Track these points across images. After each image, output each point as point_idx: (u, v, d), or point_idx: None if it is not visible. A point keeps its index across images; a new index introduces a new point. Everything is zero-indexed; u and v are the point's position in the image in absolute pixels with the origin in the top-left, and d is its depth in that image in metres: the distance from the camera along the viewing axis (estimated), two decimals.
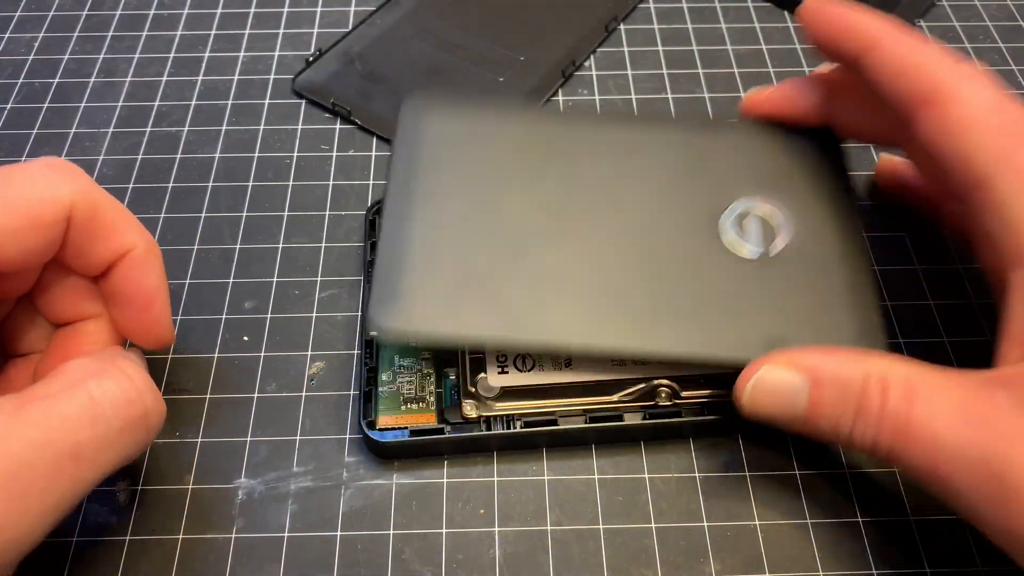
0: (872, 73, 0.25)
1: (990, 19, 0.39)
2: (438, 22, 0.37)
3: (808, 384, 0.22)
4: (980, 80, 0.23)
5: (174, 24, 0.39)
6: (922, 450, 0.20)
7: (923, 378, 0.21)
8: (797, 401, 0.22)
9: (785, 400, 0.22)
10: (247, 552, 0.24)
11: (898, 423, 0.21)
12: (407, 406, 0.26)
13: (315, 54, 0.36)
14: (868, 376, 0.21)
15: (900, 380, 0.21)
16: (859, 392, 0.21)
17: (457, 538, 0.24)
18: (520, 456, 0.26)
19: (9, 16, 0.39)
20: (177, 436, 0.26)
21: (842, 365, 0.22)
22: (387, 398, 0.26)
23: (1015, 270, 0.21)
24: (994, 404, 0.20)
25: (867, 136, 0.28)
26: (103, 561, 0.24)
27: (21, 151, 0.33)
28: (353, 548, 0.24)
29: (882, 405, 0.21)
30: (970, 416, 0.20)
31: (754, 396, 0.23)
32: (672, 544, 0.24)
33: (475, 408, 0.25)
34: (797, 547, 0.24)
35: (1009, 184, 0.21)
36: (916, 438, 0.21)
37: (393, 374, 0.26)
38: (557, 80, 0.36)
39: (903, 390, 0.21)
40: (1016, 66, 0.37)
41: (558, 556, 0.24)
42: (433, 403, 0.26)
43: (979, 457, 0.20)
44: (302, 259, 0.30)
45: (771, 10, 0.39)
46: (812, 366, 0.22)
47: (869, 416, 0.21)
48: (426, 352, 0.27)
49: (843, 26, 0.25)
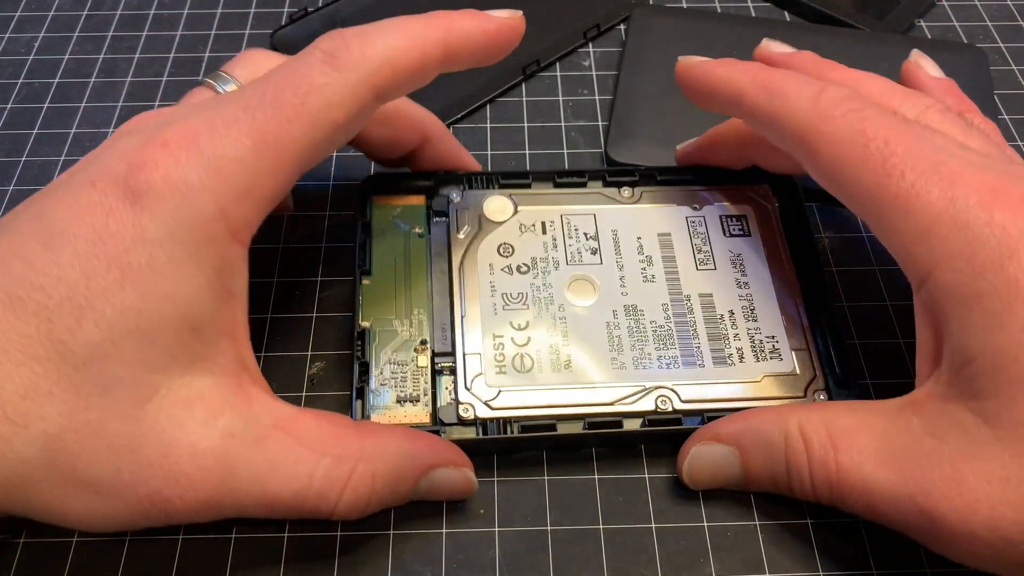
0: (752, 124, 0.25)
1: (990, 19, 0.39)
2: (428, 4, 0.37)
3: (736, 452, 0.23)
4: (842, 108, 0.22)
5: (174, 24, 0.39)
6: (858, 496, 0.21)
7: (840, 423, 0.22)
8: (732, 469, 0.24)
9: (721, 470, 0.24)
10: (247, 552, 0.24)
11: (828, 475, 0.22)
12: (402, 405, 0.25)
13: (301, 12, 0.37)
14: (787, 434, 0.22)
15: (820, 431, 0.22)
16: (783, 450, 0.22)
17: (457, 538, 0.24)
18: (520, 457, 0.26)
19: (9, 16, 0.39)
20: None
21: (761, 427, 0.23)
22: (380, 396, 0.25)
23: (915, 292, 0.22)
24: (910, 434, 0.21)
25: (788, 171, 0.29)
26: (103, 561, 0.24)
27: (21, 151, 0.33)
28: (353, 548, 0.24)
29: (809, 459, 0.22)
30: (891, 453, 0.21)
31: (692, 475, 0.24)
32: (672, 544, 0.24)
33: (471, 409, 0.25)
34: (797, 547, 0.24)
35: (891, 214, 0.21)
36: (848, 485, 0.21)
37: (388, 371, 0.26)
38: (517, 75, 0.36)
39: (824, 440, 0.22)
40: (1016, 66, 0.37)
41: (558, 556, 0.24)
42: (428, 402, 0.25)
43: (907, 494, 0.20)
44: (302, 259, 0.30)
45: (771, 10, 0.39)
46: (735, 434, 0.23)
47: (801, 471, 0.22)
48: (421, 347, 0.26)
49: (709, 84, 0.26)
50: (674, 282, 0.27)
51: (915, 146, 0.21)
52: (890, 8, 0.39)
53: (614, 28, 0.39)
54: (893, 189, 0.21)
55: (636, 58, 0.36)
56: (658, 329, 0.26)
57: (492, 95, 0.35)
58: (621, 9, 0.39)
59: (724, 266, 0.28)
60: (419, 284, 0.27)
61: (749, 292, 0.27)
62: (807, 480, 0.22)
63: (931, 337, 0.22)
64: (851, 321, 0.28)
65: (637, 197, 0.29)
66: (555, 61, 0.37)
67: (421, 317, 0.26)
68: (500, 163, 0.33)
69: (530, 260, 0.28)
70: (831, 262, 0.30)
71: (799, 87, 0.23)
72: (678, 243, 0.28)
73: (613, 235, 0.28)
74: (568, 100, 0.36)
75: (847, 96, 0.23)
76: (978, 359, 0.20)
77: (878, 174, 0.21)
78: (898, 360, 0.28)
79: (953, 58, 0.36)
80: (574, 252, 0.28)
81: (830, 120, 0.22)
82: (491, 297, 0.27)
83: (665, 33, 0.37)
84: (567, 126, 0.35)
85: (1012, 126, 0.34)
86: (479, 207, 0.28)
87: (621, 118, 0.34)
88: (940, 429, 0.20)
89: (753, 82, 0.24)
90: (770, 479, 0.23)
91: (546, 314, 0.26)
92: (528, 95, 0.36)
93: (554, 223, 0.28)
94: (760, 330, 0.26)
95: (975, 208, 0.20)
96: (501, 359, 0.25)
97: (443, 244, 0.28)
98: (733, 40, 0.36)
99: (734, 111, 0.26)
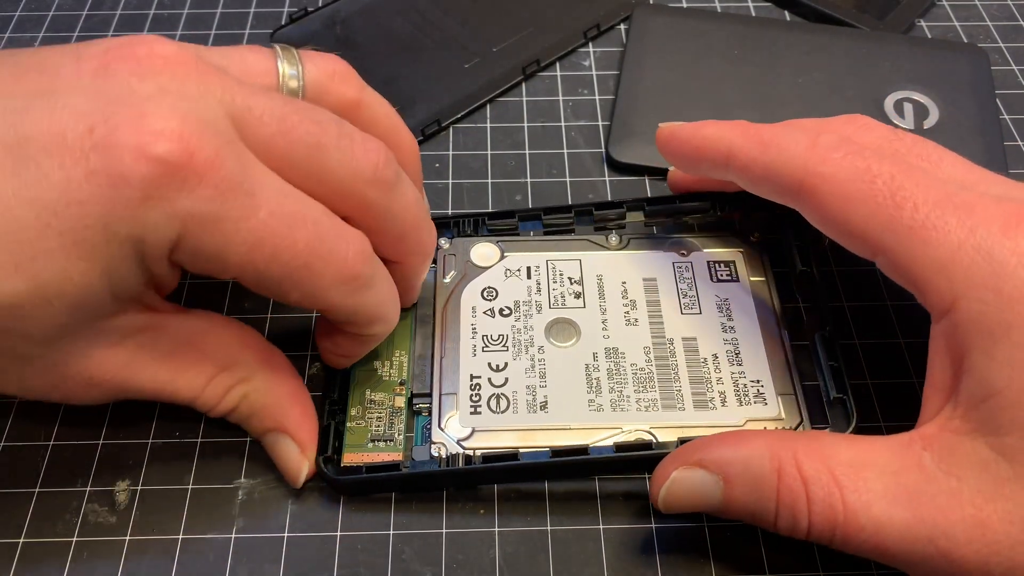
0: (742, 180, 0.25)
1: (990, 19, 0.39)
2: (428, 3, 0.37)
3: (720, 482, 0.21)
4: (840, 151, 0.22)
5: (174, 24, 0.39)
6: (866, 537, 0.20)
7: (841, 457, 0.21)
8: (712, 498, 0.22)
9: (701, 498, 0.22)
10: (247, 552, 0.24)
11: (833, 515, 0.20)
12: (374, 444, 0.25)
13: (301, 12, 0.37)
14: (781, 472, 0.21)
15: (818, 468, 0.21)
16: (774, 487, 0.21)
17: (457, 538, 0.24)
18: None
19: (9, 16, 0.39)
20: (177, 436, 0.26)
21: (752, 459, 0.21)
22: (355, 434, 0.25)
23: (933, 324, 0.21)
24: (923, 472, 0.20)
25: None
26: (103, 561, 0.24)
27: None
28: (353, 548, 0.24)
29: (808, 499, 0.20)
30: (903, 491, 0.20)
31: (668, 500, 0.22)
32: (672, 544, 0.24)
33: (443, 448, 0.24)
34: (797, 547, 0.24)
35: (906, 247, 0.21)
36: (857, 527, 0.20)
37: (363, 409, 0.26)
38: (517, 75, 0.36)
39: (826, 477, 0.20)
40: (1016, 66, 0.37)
41: (558, 556, 0.24)
42: (402, 442, 0.25)
43: (925, 536, 0.19)
44: None
45: (771, 10, 0.39)
46: (723, 463, 0.22)
47: (795, 510, 0.21)
48: (399, 388, 0.26)
49: (697, 144, 0.25)
50: (657, 326, 0.27)
51: (922, 179, 0.21)
52: (890, 8, 0.38)
53: (614, 28, 0.39)
54: (907, 222, 0.21)
55: (637, 58, 0.36)
56: (638, 372, 0.26)
57: (492, 95, 0.35)
58: (621, 9, 0.39)
59: (710, 310, 0.27)
60: (402, 328, 0.27)
61: (735, 336, 0.27)
62: (803, 519, 0.21)
63: (947, 368, 0.21)
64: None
65: (624, 244, 0.29)
66: (555, 61, 0.37)
67: (402, 359, 0.27)
68: (500, 163, 0.33)
69: (513, 303, 0.28)
70: (831, 261, 0.30)
71: (793, 135, 0.23)
72: (663, 288, 0.28)
73: (598, 280, 0.28)
74: (568, 100, 0.36)
75: (843, 139, 0.23)
76: (1003, 392, 0.19)
77: (888, 208, 0.21)
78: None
79: (953, 58, 0.36)
80: (557, 296, 0.28)
81: (830, 162, 0.22)
82: (472, 339, 0.27)
83: (666, 33, 0.37)
84: (567, 126, 0.35)
85: (1012, 126, 0.34)
86: (466, 253, 0.29)
87: (622, 117, 0.34)
88: (956, 466, 0.20)
89: (744, 136, 0.24)
90: (749, 513, 0.22)
91: (525, 356, 0.26)
92: (528, 95, 0.36)
93: (539, 268, 0.28)
94: (744, 374, 0.26)
95: (997, 236, 0.20)
96: (477, 399, 0.25)
97: (429, 289, 0.28)
98: (733, 40, 0.37)
99: (722, 171, 0.25)
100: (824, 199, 0.22)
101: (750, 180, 0.25)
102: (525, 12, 0.38)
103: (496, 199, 0.32)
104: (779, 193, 0.24)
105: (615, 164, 0.33)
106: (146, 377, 0.23)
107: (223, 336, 0.24)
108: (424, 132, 0.34)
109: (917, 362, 0.27)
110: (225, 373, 0.24)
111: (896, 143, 0.23)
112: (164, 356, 0.23)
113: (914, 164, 0.22)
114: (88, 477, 0.25)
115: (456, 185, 0.32)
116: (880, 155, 0.22)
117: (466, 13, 0.38)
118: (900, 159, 0.22)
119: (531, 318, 0.27)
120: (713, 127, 0.25)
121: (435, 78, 0.35)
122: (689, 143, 0.26)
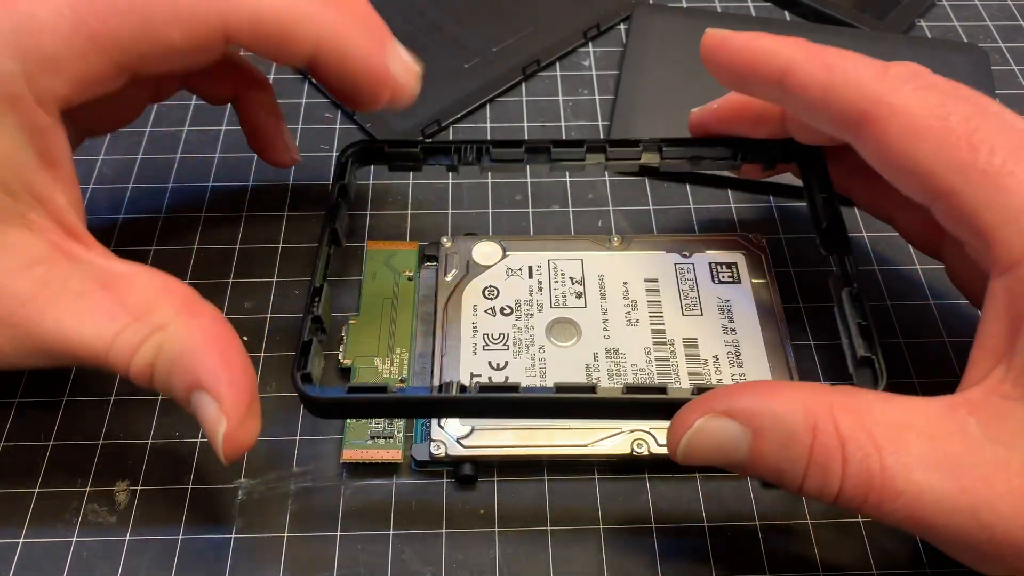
0: (795, 102, 0.23)
1: (990, 19, 0.39)
2: (428, 3, 0.37)
3: (749, 434, 0.20)
4: (912, 83, 0.21)
5: None
6: (902, 504, 0.19)
7: (879, 418, 0.19)
8: (738, 451, 0.20)
9: (725, 451, 0.20)
10: (247, 552, 0.24)
11: (869, 478, 0.19)
12: (374, 440, 0.25)
13: None
14: (816, 427, 0.19)
15: (858, 429, 0.19)
16: (807, 445, 0.19)
17: (457, 538, 0.24)
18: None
19: None
20: (177, 436, 0.26)
21: (784, 412, 0.20)
22: (354, 431, 0.25)
23: (994, 278, 0.20)
24: (968, 439, 0.19)
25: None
26: (103, 561, 0.24)
27: None
28: (353, 548, 0.24)
29: (844, 459, 0.19)
30: (947, 459, 0.18)
31: (688, 451, 0.20)
32: (673, 544, 0.24)
33: (442, 446, 0.24)
34: (797, 547, 0.24)
35: (977, 192, 0.20)
36: (894, 493, 0.19)
37: None
38: (517, 75, 0.36)
39: (863, 437, 0.19)
40: (1016, 66, 0.37)
41: (558, 556, 0.24)
42: (401, 439, 0.25)
43: (968, 507, 0.18)
44: (302, 259, 0.30)
45: (771, 9, 0.39)
46: (752, 413, 0.20)
47: (828, 470, 0.19)
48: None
49: (750, 56, 0.23)
50: (658, 326, 0.27)
51: (999, 123, 0.20)
52: (890, 8, 0.39)
53: (614, 28, 0.39)
54: (982, 165, 0.19)
55: (637, 58, 0.36)
56: (638, 372, 0.26)
57: (492, 95, 0.35)
58: (621, 8, 0.39)
59: (711, 312, 0.27)
60: (404, 325, 0.27)
61: (736, 338, 0.27)
62: (834, 481, 0.19)
63: (1004, 329, 0.19)
64: None
65: (627, 244, 0.29)
66: (555, 61, 0.37)
67: (403, 356, 0.27)
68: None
69: (514, 302, 0.28)
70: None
71: (860, 61, 0.22)
72: (665, 289, 0.28)
73: (599, 280, 0.28)
74: (568, 100, 0.36)
75: (916, 71, 0.21)
76: None
77: (962, 149, 0.20)
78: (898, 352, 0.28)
79: (953, 58, 0.36)
80: (559, 295, 0.28)
81: (902, 92, 0.21)
82: (472, 338, 0.27)
83: (666, 33, 0.37)
84: (567, 126, 0.35)
85: None
86: (468, 252, 0.29)
87: (623, 117, 0.34)
88: (1006, 434, 0.18)
89: (806, 54, 0.22)
90: (776, 471, 0.20)
91: (525, 355, 0.26)
92: (528, 95, 0.36)
93: (541, 267, 0.29)
94: (745, 375, 0.26)
95: None
96: None
97: (431, 287, 0.28)
98: None
99: (774, 90, 0.23)
100: (890, 132, 0.21)
101: (806, 103, 0.23)
102: (525, 12, 0.38)
103: (496, 199, 0.32)
104: (836, 122, 0.22)
105: None
106: (49, 320, 0.21)
107: (141, 280, 0.22)
108: (424, 132, 0.34)
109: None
110: (139, 323, 0.21)
111: (964, 90, 0.21)
112: (72, 298, 0.21)
113: (988, 108, 0.20)
114: (88, 477, 0.25)
115: (456, 185, 0.32)
116: (956, 94, 0.21)
117: (466, 13, 0.37)
118: (975, 101, 0.21)
119: (532, 317, 0.27)
120: (770, 39, 0.23)
121: (435, 78, 0.35)
122: (741, 54, 0.24)
